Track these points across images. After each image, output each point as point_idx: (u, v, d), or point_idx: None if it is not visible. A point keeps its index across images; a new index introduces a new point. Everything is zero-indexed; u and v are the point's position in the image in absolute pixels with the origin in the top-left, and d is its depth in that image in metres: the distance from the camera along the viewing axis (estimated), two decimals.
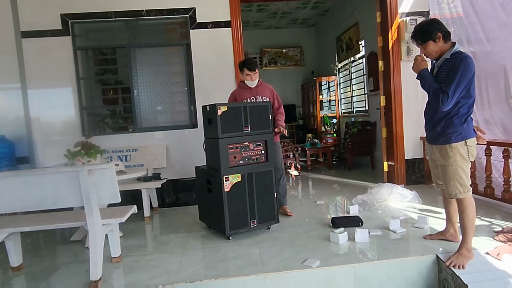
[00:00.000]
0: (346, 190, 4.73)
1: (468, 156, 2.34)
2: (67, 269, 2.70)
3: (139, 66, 4.41)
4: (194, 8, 4.31)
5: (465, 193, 2.37)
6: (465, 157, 2.34)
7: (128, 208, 2.72)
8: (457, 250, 2.40)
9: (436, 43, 2.38)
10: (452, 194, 2.40)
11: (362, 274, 2.42)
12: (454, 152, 2.34)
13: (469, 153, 2.34)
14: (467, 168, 2.38)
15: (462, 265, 2.28)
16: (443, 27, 2.39)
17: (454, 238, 2.65)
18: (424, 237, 2.79)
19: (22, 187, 2.30)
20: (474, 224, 2.40)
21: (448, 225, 2.71)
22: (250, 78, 3.52)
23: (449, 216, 2.68)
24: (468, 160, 2.36)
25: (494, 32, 3.87)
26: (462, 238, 2.42)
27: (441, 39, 2.36)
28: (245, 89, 3.58)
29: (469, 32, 4.11)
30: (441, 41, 2.37)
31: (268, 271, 2.41)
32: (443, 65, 2.36)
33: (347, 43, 7.39)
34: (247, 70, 3.49)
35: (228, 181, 2.96)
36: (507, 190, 3.43)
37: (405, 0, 4.58)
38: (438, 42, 2.37)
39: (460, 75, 2.22)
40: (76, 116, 4.28)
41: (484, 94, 3.97)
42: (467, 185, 2.37)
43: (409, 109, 4.62)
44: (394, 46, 4.60)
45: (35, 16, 4.14)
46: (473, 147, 2.35)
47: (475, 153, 2.39)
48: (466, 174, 2.38)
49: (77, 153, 3.17)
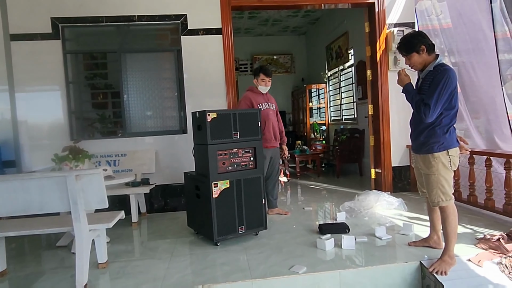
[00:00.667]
0: (334, 197, 4.78)
1: (450, 165, 2.41)
2: (52, 275, 2.66)
3: (130, 71, 4.41)
4: (186, 15, 4.34)
5: (447, 201, 2.43)
6: (447, 167, 2.41)
7: (115, 214, 2.71)
8: (440, 257, 2.46)
9: (420, 55, 2.46)
10: (434, 202, 2.47)
11: (348, 280, 2.45)
12: (436, 161, 2.41)
13: (451, 162, 2.41)
14: (449, 177, 2.45)
15: (444, 271, 2.34)
16: (427, 40, 2.47)
17: (437, 245, 2.71)
18: (409, 244, 2.84)
19: (8, 192, 2.29)
20: (456, 231, 2.46)
21: (431, 232, 2.77)
22: (265, 84, 3.73)
23: (433, 224, 2.75)
24: (451, 169, 2.43)
25: (481, 43, 3.98)
26: (445, 245, 2.48)
27: (425, 51, 2.45)
28: (258, 94, 3.77)
29: (458, 43, 4.22)
30: (424, 53, 2.45)
31: (255, 277, 2.42)
32: (427, 77, 2.44)
33: (336, 51, 7.51)
34: (263, 75, 3.72)
35: (217, 187, 2.98)
36: (489, 198, 3.52)
37: (392, 12, 4.69)
38: (422, 54, 2.46)
39: (441, 87, 2.30)
40: (64, 120, 4.25)
41: (477, 104, 4.05)
42: (449, 193, 2.44)
43: (396, 118, 4.72)
44: (382, 56, 4.70)
45: (24, 19, 4.11)
46: (455, 157, 2.42)
47: (457, 162, 2.46)
48: (449, 183, 2.44)
49: (64, 157, 3.15)
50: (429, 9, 4.52)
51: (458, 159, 2.46)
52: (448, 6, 4.33)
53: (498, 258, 2.49)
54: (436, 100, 2.30)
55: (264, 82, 3.73)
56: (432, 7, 4.49)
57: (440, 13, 4.41)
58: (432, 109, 2.31)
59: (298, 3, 4.62)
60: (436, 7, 4.44)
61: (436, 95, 2.30)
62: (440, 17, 4.41)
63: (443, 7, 4.38)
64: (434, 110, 2.32)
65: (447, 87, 2.30)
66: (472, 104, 4.14)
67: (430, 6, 4.51)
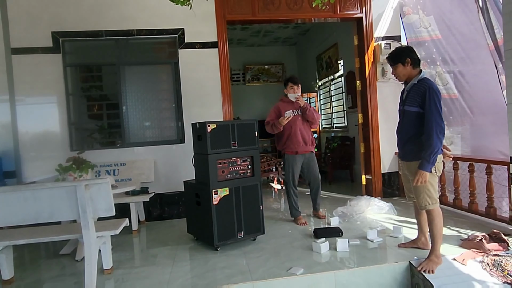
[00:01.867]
0: (326, 202, 4.95)
1: (435, 171, 2.60)
2: (58, 282, 2.76)
3: (128, 83, 4.54)
4: (183, 29, 4.51)
5: (433, 205, 2.62)
6: (432, 172, 2.60)
7: (120, 221, 2.83)
8: (427, 257, 2.64)
9: (404, 67, 2.67)
10: (422, 206, 2.65)
11: (343, 280, 2.61)
12: None
13: (436, 168, 2.60)
14: (434, 182, 2.64)
15: (431, 270, 2.52)
16: (414, 55, 2.69)
17: (425, 246, 2.89)
18: (399, 246, 3.02)
19: (19, 201, 2.39)
20: (442, 232, 2.65)
21: (419, 234, 2.96)
22: (293, 91, 3.90)
23: (420, 226, 2.93)
24: (435, 174, 2.62)
25: (474, 52, 4.15)
26: (432, 246, 2.66)
27: (409, 64, 2.66)
28: (287, 103, 3.95)
29: (450, 52, 4.42)
30: (409, 66, 2.66)
31: (255, 279, 2.57)
32: (411, 90, 2.65)
33: (326, 62, 7.76)
34: (291, 83, 3.91)
35: (217, 194, 3.12)
36: (472, 201, 3.73)
37: (379, 25, 4.94)
38: (407, 67, 2.67)
39: (435, 105, 2.46)
40: (64, 131, 4.35)
41: (474, 109, 4.21)
42: (435, 197, 2.63)
43: (385, 126, 4.94)
44: (370, 68, 4.93)
45: (26, 33, 4.23)
46: (439, 163, 2.62)
47: (441, 168, 2.65)
48: (434, 188, 2.64)
49: (68, 167, 3.26)
50: (417, 22, 4.76)
51: (441, 165, 2.65)
52: (435, 19, 4.55)
53: (480, 257, 2.68)
54: (438, 116, 2.45)
55: (293, 89, 3.90)
56: (420, 20, 4.73)
57: (429, 25, 4.64)
58: (440, 123, 2.45)
59: (289, 17, 4.83)
60: (424, 20, 4.68)
61: (436, 111, 2.45)
62: (429, 29, 4.63)
63: (431, 20, 4.61)
64: (441, 122, 2.46)
65: (439, 102, 2.48)
66: (469, 108, 4.27)
67: (417, 20, 4.75)
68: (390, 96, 4.95)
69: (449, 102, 4.48)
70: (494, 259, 2.63)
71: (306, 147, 3.93)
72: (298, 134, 3.87)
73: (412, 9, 4.80)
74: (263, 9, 4.69)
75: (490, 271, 2.49)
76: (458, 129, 4.42)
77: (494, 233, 3.00)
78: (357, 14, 4.90)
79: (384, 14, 4.95)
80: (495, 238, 2.95)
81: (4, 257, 2.68)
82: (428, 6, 4.64)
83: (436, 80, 4.57)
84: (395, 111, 5.01)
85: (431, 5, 4.61)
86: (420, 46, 4.73)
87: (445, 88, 4.50)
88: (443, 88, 4.55)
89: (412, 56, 2.67)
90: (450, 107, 4.46)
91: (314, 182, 4.06)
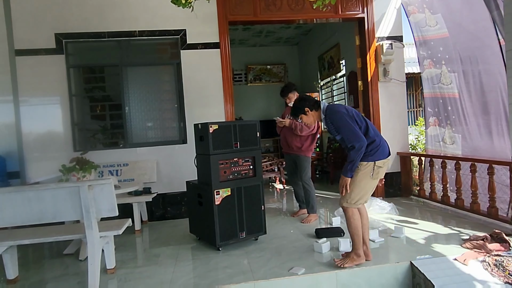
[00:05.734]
0: (328, 203, 4.96)
1: (371, 175, 2.67)
2: (61, 282, 2.79)
3: (131, 84, 4.57)
4: (185, 30, 4.53)
5: (349, 204, 2.69)
6: (368, 177, 2.67)
7: (123, 221, 2.85)
8: (349, 252, 2.75)
9: (307, 116, 2.86)
10: (340, 201, 2.75)
11: (344, 280, 2.63)
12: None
13: (374, 172, 2.67)
14: (366, 185, 2.70)
15: (344, 265, 2.64)
16: (310, 102, 2.85)
17: (367, 256, 2.77)
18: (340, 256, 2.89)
19: (24, 202, 2.42)
20: (358, 233, 2.70)
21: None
22: (287, 101, 4.20)
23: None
24: (371, 178, 2.68)
25: (481, 50, 4.12)
26: (352, 244, 2.75)
27: (310, 111, 2.84)
28: (288, 107, 4.13)
29: (458, 50, 4.38)
30: (310, 112, 2.84)
31: (257, 279, 2.58)
32: (326, 123, 2.79)
33: (328, 62, 7.76)
34: (281, 96, 4.25)
35: (219, 194, 3.14)
36: (474, 201, 3.73)
37: (381, 26, 4.95)
38: (309, 114, 2.84)
39: (342, 124, 2.63)
40: (67, 131, 4.38)
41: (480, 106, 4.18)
42: (356, 199, 2.69)
43: (386, 125, 4.94)
44: (372, 68, 4.94)
45: (29, 35, 4.27)
46: (382, 167, 2.68)
47: (381, 174, 2.72)
48: (363, 190, 2.70)
49: (72, 168, 3.28)
50: (423, 21, 4.74)
51: (383, 170, 2.72)
52: (443, 17, 4.52)
53: (482, 257, 2.69)
54: (348, 133, 2.61)
55: (284, 100, 4.24)
56: (426, 19, 4.71)
57: (435, 24, 4.61)
58: (354, 139, 2.58)
59: (290, 18, 4.85)
60: (431, 19, 4.66)
61: (346, 130, 2.62)
62: (436, 27, 4.61)
63: (438, 18, 4.59)
64: (356, 138, 2.58)
65: (343, 119, 2.62)
66: (474, 106, 4.25)
67: (423, 19, 4.74)
68: (391, 96, 4.96)
69: (452, 102, 4.47)
70: (496, 259, 2.63)
71: (288, 149, 4.18)
72: (282, 138, 4.23)
73: (417, 8, 4.77)
74: (265, 9, 4.71)
75: (492, 271, 2.49)
76: (460, 129, 4.41)
77: (496, 233, 3.01)
78: (358, 15, 4.91)
79: (386, 14, 4.95)
80: (496, 238, 2.95)
81: (8, 256, 2.71)
82: (435, 4, 4.60)
83: (441, 79, 4.56)
84: (397, 111, 5.05)
85: (438, 3, 4.57)
86: (426, 45, 4.72)
87: (448, 88, 4.49)
88: (446, 88, 4.55)
89: (309, 104, 2.84)
90: (453, 107, 4.46)
91: (298, 180, 4.22)
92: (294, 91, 4.18)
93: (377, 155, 2.65)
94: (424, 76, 4.81)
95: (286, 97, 4.19)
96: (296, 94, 4.19)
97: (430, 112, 4.79)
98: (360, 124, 2.66)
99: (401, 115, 5.02)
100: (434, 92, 4.72)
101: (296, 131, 4.03)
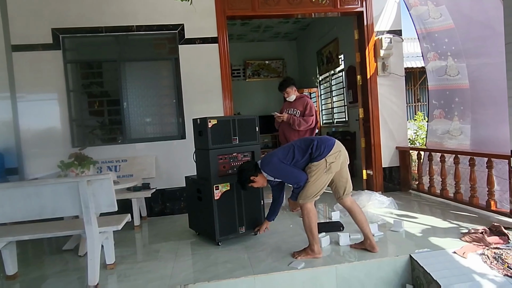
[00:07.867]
0: (327, 197, 4.91)
1: (325, 171, 2.72)
2: (61, 277, 2.79)
3: (129, 79, 4.55)
4: (183, 25, 4.50)
5: (304, 200, 2.74)
6: (322, 172, 2.73)
7: (123, 217, 2.85)
8: (305, 247, 2.82)
9: (256, 181, 2.88)
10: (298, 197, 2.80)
11: (344, 274, 2.63)
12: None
13: (327, 168, 2.73)
14: (320, 181, 2.73)
15: (298, 257, 2.74)
16: (249, 170, 2.87)
17: (372, 249, 2.81)
18: (350, 247, 2.97)
19: (23, 197, 2.41)
20: (313, 230, 2.75)
21: (364, 236, 2.89)
22: (285, 96, 4.21)
23: (360, 229, 2.89)
24: (324, 174, 2.74)
25: (490, 40, 3.99)
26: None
27: (256, 177, 2.86)
28: (286, 102, 4.26)
29: (465, 41, 4.31)
30: (256, 178, 2.87)
31: (257, 273, 2.59)
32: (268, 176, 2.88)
33: (327, 56, 7.73)
34: (279, 91, 4.24)
35: (218, 189, 3.14)
36: (473, 195, 3.74)
37: (380, 20, 4.92)
38: (257, 179, 2.87)
39: (279, 172, 2.80)
40: (65, 127, 4.36)
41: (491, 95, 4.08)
42: (310, 196, 2.73)
43: (386, 120, 4.94)
44: (371, 62, 4.92)
45: (26, 30, 4.22)
46: (334, 163, 2.76)
47: (335, 169, 2.78)
48: (317, 187, 2.74)
49: (70, 164, 3.27)
50: (425, 14, 4.67)
51: (336, 165, 2.78)
52: (448, 8, 4.44)
53: (481, 250, 2.70)
54: (285, 175, 2.80)
55: (283, 94, 4.24)
56: (429, 11, 4.64)
57: (439, 16, 4.54)
58: (299, 179, 2.73)
59: (289, 12, 4.82)
60: (434, 11, 4.57)
61: (285, 174, 2.80)
62: (440, 19, 4.52)
63: (442, 9, 4.50)
64: (298, 177, 2.73)
65: (279, 168, 2.77)
66: (481, 98, 4.19)
67: (426, 11, 4.67)
68: (390, 90, 4.95)
69: (459, 93, 4.41)
70: (495, 252, 2.64)
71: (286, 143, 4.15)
72: (281, 133, 4.28)
73: (419, 1, 4.72)
74: (263, 4, 4.68)
75: (491, 264, 2.50)
76: (469, 119, 4.35)
77: (495, 226, 3.02)
78: (357, 9, 4.88)
79: (385, 8, 4.93)
80: (495, 231, 2.97)
81: (8, 252, 2.70)
82: None
83: (447, 71, 4.53)
84: (396, 106, 5.04)
85: None
86: (430, 37, 4.67)
87: (456, 79, 4.45)
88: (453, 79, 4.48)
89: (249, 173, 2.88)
90: (460, 98, 4.41)
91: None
92: (292, 86, 4.19)
93: (324, 152, 2.71)
94: (429, 68, 4.77)
95: (284, 91, 4.19)
96: (294, 88, 4.18)
97: (435, 104, 4.74)
98: (292, 156, 2.75)
99: (400, 110, 5.01)
100: (439, 85, 4.68)
101: (294, 126, 4.03)
